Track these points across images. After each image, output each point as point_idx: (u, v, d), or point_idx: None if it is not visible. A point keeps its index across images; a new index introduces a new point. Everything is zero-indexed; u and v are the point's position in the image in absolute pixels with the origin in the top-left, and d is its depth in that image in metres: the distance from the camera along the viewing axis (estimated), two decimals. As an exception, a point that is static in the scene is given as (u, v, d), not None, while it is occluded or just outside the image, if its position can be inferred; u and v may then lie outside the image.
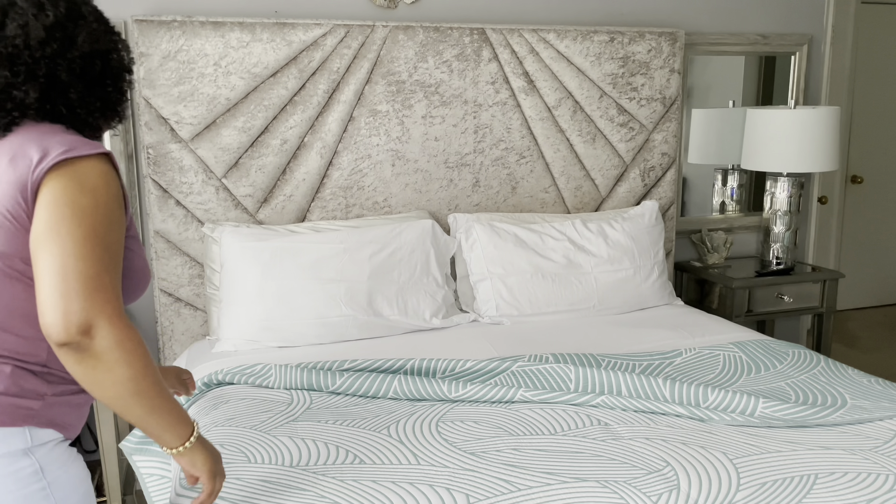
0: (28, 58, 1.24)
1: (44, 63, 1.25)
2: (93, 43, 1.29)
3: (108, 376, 1.16)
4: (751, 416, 1.83)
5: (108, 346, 1.14)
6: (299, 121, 2.68)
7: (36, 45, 1.24)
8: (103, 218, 1.19)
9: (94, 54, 1.30)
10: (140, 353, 1.17)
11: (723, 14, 3.31)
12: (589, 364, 2.15)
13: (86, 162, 1.21)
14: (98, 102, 1.32)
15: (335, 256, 2.52)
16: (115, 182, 1.25)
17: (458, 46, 2.80)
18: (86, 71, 1.29)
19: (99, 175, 1.21)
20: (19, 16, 1.25)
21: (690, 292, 3.36)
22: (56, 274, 1.13)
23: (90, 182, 1.20)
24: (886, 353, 4.07)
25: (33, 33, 1.24)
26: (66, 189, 1.18)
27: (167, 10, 2.59)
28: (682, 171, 3.36)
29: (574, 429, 1.81)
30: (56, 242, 1.14)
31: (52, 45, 1.25)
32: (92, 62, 1.29)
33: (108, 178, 1.23)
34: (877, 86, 4.46)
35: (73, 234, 1.15)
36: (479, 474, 1.59)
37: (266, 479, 1.57)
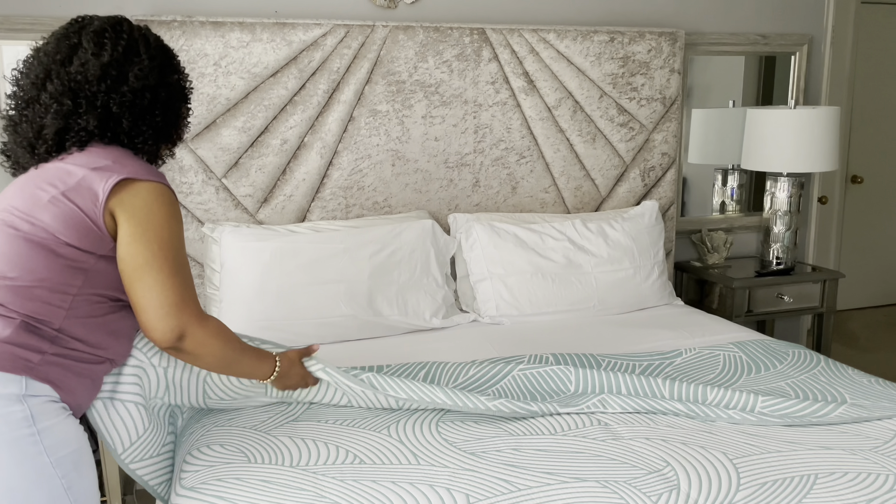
0: (87, 91, 1.47)
1: (100, 96, 1.47)
2: (142, 80, 1.50)
3: (202, 361, 1.52)
4: (750, 413, 1.83)
5: (199, 344, 1.47)
6: (299, 121, 2.68)
7: (93, 81, 1.47)
8: (174, 235, 1.46)
9: (144, 89, 1.51)
10: (222, 341, 1.51)
11: (723, 14, 3.31)
12: (589, 365, 2.15)
13: (144, 184, 1.46)
14: (149, 130, 1.54)
15: (335, 256, 2.52)
16: (170, 198, 1.49)
17: (458, 46, 2.80)
18: (135, 104, 1.51)
19: (153, 192, 1.46)
20: (83, 55, 1.48)
21: (690, 292, 3.36)
22: (154, 298, 1.42)
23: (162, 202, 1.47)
24: (886, 353, 4.07)
25: (91, 70, 1.47)
26: (138, 208, 1.43)
27: (167, 10, 2.59)
28: (682, 171, 3.36)
29: (574, 429, 1.81)
30: (147, 271, 1.42)
31: (106, 81, 1.48)
32: (142, 96, 1.51)
33: (162, 196, 1.47)
34: (877, 86, 4.46)
35: (161, 266, 1.42)
36: (479, 474, 1.59)
37: (266, 480, 1.57)
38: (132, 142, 1.52)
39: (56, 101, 1.46)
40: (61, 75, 1.46)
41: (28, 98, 1.49)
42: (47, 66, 1.48)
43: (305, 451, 1.69)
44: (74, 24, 1.52)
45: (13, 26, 2.43)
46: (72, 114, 1.47)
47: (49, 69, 1.47)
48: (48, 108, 1.47)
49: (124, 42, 1.50)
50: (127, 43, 1.51)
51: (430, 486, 1.54)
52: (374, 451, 1.70)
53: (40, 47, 1.52)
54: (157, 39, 1.58)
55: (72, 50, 1.48)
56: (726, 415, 1.84)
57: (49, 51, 1.49)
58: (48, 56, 1.49)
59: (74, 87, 1.46)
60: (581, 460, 1.65)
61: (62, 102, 1.46)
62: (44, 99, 1.47)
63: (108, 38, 1.49)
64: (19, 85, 1.52)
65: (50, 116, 1.46)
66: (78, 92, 1.46)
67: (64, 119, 1.47)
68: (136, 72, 1.50)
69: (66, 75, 1.46)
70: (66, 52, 1.48)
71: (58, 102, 1.46)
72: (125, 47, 1.50)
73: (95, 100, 1.47)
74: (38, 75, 1.48)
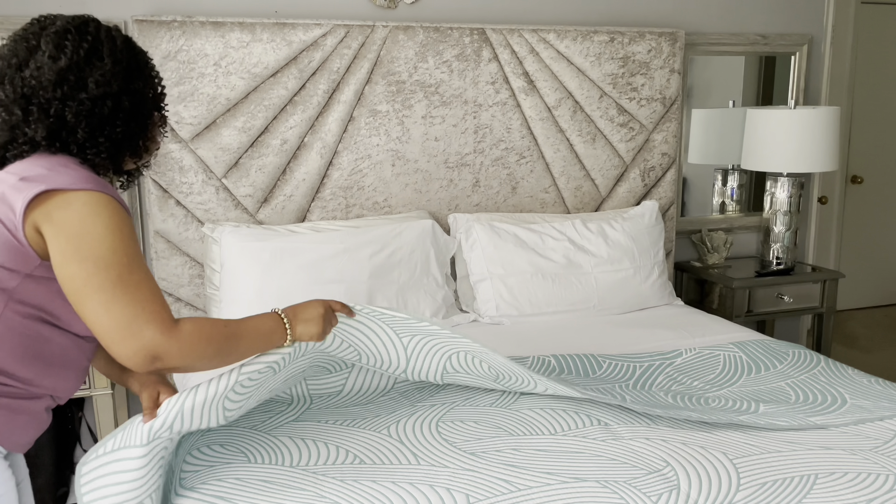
0: (41, 98, 1.31)
1: (54, 104, 1.32)
2: (103, 86, 1.34)
3: (197, 368, 1.34)
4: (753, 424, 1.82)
5: (178, 356, 1.28)
6: (299, 121, 2.68)
7: (48, 86, 1.31)
8: (114, 249, 1.26)
9: (105, 97, 1.35)
10: (203, 340, 1.31)
11: (723, 14, 3.31)
12: (592, 369, 2.13)
13: (77, 194, 1.27)
14: (107, 142, 1.37)
15: (335, 256, 2.52)
16: (109, 208, 1.29)
17: (458, 46, 2.80)
18: (93, 112, 1.34)
19: (88, 204, 1.27)
20: (39, 58, 1.32)
21: (690, 292, 3.36)
22: (104, 324, 1.24)
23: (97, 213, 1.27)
24: (886, 353, 4.07)
25: (46, 76, 1.31)
26: (68, 222, 1.25)
27: (167, 10, 2.59)
28: (682, 171, 3.36)
29: (574, 429, 1.81)
30: (88, 294, 1.24)
31: (62, 87, 1.32)
32: (101, 104, 1.34)
33: (98, 206, 1.27)
34: (877, 86, 4.46)
35: (101, 285, 1.24)
36: (479, 474, 1.59)
37: (266, 480, 1.57)
38: (83, 152, 1.36)
39: (5, 109, 1.32)
40: (14, 81, 1.32)
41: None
42: (1, 70, 1.33)
43: (306, 451, 1.69)
44: (35, 25, 1.37)
45: (13, 26, 2.43)
46: (20, 124, 1.32)
47: (3, 74, 1.33)
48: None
49: (87, 44, 1.35)
50: (90, 45, 1.35)
51: (430, 486, 1.54)
52: (374, 451, 1.70)
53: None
54: (127, 41, 1.42)
55: (29, 53, 1.33)
56: (727, 419, 1.84)
57: (5, 54, 1.34)
58: (3, 59, 1.34)
59: (27, 94, 1.31)
60: (581, 460, 1.65)
61: (11, 111, 1.32)
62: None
63: (70, 39, 1.34)
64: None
65: (5, 129, 1.32)
66: (31, 98, 1.32)
67: (10, 130, 1.33)
68: (96, 77, 1.34)
69: (19, 80, 1.32)
70: (23, 55, 1.33)
71: (7, 111, 1.32)
72: (87, 50, 1.34)
73: (48, 107, 1.32)
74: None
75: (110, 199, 1.29)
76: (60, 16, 1.39)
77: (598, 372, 2.13)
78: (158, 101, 1.47)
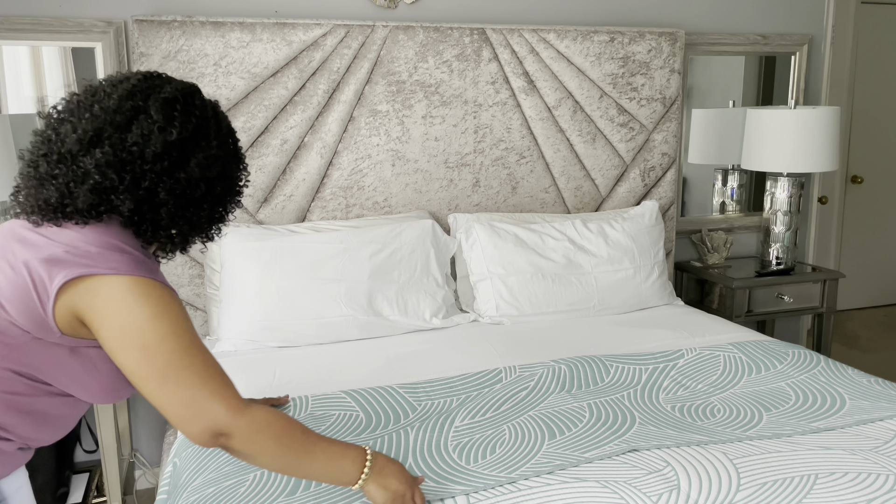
0: (139, 168, 1.24)
1: (149, 177, 1.25)
2: (204, 169, 1.29)
3: (258, 461, 1.27)
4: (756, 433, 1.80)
5: (244, 440, 1.24)
6: (299, 121, 2.68)
7: (150, 158, 1.24)
8: (163, 335, 1.21)
9: (202, 179, 1.29)
10: (272, 435, 1.25)
11: (723, 14, 3.31)
12: (601, 376, 2.10)
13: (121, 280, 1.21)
14: (185, 224, 1.32)
15: (335, 256, 2.52)
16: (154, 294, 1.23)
17: (459, 46, 2.80)
18: (186, 193, 1.28)
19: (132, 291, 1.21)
20: (146, 124, 1.25)
21: (690, 292, 3.36)
22: (165, 408, 1.21)
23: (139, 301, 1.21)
24: (886, 353, 4.07)
25: (151, 147, 1.24)
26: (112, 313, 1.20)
27: (167, 10, 2.59)
28: (682, 171, 3.36)
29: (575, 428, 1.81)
30: (142, 382, 1.21)
31: (163, 162, 1.25)
32: (196, 185, 1.29)
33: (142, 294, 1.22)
34: (877, 86, 4.46)
35: (150, 375, 1.20)
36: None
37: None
38: (156, 232, 1.29)
39: (100, 171, 1.22)
40: (115, 142, 1.23)
41: (66, 153, 1.24)
42: (101, 125, 1.24)
43: None
44: (142, 83, 1.28)
45: (13, 26, 2.43)
46: (111, 190, 1.23)
47: (102, 130, 1.24)
48: (87, 177, 1.22)
49: (195, 120, 1.29)
50: (198, 122, 1.29)
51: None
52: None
53: (97, 95, 1.28)
54: (227, 121, 1.37)
55: (134, 113, 1.25)
56: (730, 430, 1.84)
57: (108, 107, 1.25)
58: (105, 113, 1.25)
59: (126, 160, 1.23)
60: (581, 460, 1.64)
61: (107, 176, 1.22)
62: (86, 164, 1.22)
63: (179, 111, 1.27)
64: (57, 131, 1.26)
65: (86, 188, 1.23)
66: (126, 165, 1.23)
67: (99, 195, 1.23)
68: (199, 158, 1.28)
69: (120, 143, 1.23)
70: (127, 114, 1.25)
71: (102, 175, 1.22)
72: (195, 126, 1.28)
73: (143, 180, 1.24)
74: (87, 131, 1.24)
75: (155, 285, 1.23)
76: (169, 78, 1.32)
77: (606, 379, 2.09)
78: (242, 187, 1.42)
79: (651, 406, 1.94)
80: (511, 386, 2.04)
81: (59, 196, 1.23)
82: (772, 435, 1.76)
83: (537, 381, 2.06)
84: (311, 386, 2.09)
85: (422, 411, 1.90)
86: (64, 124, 1.27)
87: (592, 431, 1.77)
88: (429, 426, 1.81)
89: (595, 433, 1.76)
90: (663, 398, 1.99)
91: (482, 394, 2.00)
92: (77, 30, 2.49)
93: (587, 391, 2.02)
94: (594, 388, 2.04)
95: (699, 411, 1.90)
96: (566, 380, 2.08)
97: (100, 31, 2.51)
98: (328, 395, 1.98)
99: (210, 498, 1.51)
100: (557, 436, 1.75)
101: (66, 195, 1.23)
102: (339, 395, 1.96)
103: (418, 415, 1.88)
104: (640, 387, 2.06)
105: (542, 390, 2.02)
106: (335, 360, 2.31)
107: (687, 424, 1.81)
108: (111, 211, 1.25)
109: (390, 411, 1.90)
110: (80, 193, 1.23)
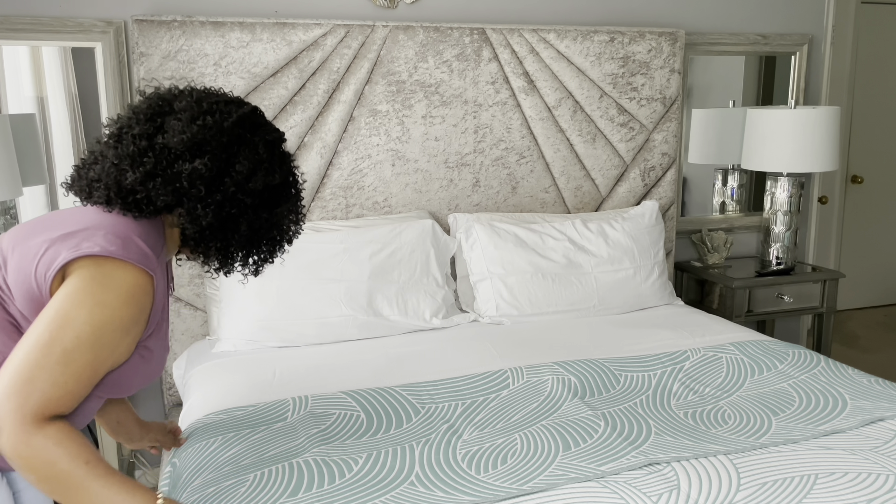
0: (230, 193, 1.30)
1: (239, 207, 1.32)
2: (285, 216, 1.39)
3: (32, 475, 1.14)
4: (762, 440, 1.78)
5: (17, 445, 1.12)
6: (299, 121, 2.68)
7: (248, 191, 1.31)
8: (91, 326, 1.18)
9: (279, 224, 1.39)
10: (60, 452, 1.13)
11: (723, 14, 3.31)
12: (611, 383, 2.07)
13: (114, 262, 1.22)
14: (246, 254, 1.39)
15: (335, 256, 2.52)
16: (140, 304, 1.23)
17: (458, 46, 2.80)
18: (261, 230, 1.37)
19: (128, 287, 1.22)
20: (254, 158, 1.32)
21: (690, 292, 3.36)
22: (8, 368, 1.14)
23: (114, 289, 1.21)
24: (886, 353, 4.07)
25: (254, 182, 1.32)
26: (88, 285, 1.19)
27: (167, 10, 2.59)
28: (682, 171, 3.36)
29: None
30: (23, 343, 1.16)
31: (257, 198, 1.33)
32: (272, 226, 1.38)
33: (135, 297, 1.22)
34: (877, 86, 4.46)
35: (43, 331, 1.15)
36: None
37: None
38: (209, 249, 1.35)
39: (190, 181, 1.28)
40: (215, 159, 1.29)
41: (164, 148, 1.28)
42: (208, 138, 1.29)
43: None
44: (253, 115, 1.37)
45: (13, 26, 2.43)
46: (194, 199, 1.29)
47: (207, 143, 1.29)
48: (176, 179, 1.28)
49: (288, 168, 1.40)
50: (288, 170, 1.40)
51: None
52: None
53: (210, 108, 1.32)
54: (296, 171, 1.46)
55: (241, 142, 1.32)
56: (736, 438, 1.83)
57: (220, 124, 1.31)
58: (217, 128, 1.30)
59: (223, 181, 1.30)
60: (598, 474, 1.62)
61: (194, 185, 1.28)
62: (180, 167, 1.28)
63: (279, 155, 1.39)
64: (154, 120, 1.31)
65: (170, 188, 1.28)
66: (220, 186, 1.30)
67: (178, 199, 1.29)
68: (285, 207, 1.39)
69: (220, 163, 1.30)
70: (235, 139, 1.32)
71: (190, 182, 1.28)
72: (287, 174, 1.40)
73: (231, 206, 1.31)
74: (194, 137, 1.29)
75: (140, 278, 1.23)
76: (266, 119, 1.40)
77: (616, 387, 2.06)
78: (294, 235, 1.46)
79: (664, 413, 1.91)
80: (520, 393, 2.01)
81: (137, 182, 1.26)
82: (784, 441, 1.74)
83: (549, 388, 2.02)
84: (311, 386, 2.08)
85: (425, 414, 1.89)
86: (167, 118, 1.30)
87: (609, 442, 1.73)
88: (436, 433, 1.79)
89: (612, 444, 1.72)
90: (675, 404, 1.97)
91: (488, 399, 1.98)
92: (77, 30, 2.49)
93: (600, 398, 2.00)
94: (606, 396, 2.01)
95: (710, 417, 1.89)
96: (577, 386, 2.04)
97: (100, 31, 2.51)
98: (328, 394, 1.98)
99: (210, 498, 1.51)
100: (572, 447, 1.71)
101: (144, 185, 1.26)
102: (340, 396, 1.96)
103: (422, 418, 1.88)
104: (650, 392, 2.04)
105: (554, 397, 1.98)
106: (335, 360, 2.31)
107: (701, 433, 1.79)
108: (189, 217, 1.30)
109: (392, 413, 1.89)
110: (161, 191, 1.26)
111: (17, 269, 1.24)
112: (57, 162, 2.59)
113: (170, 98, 1.34)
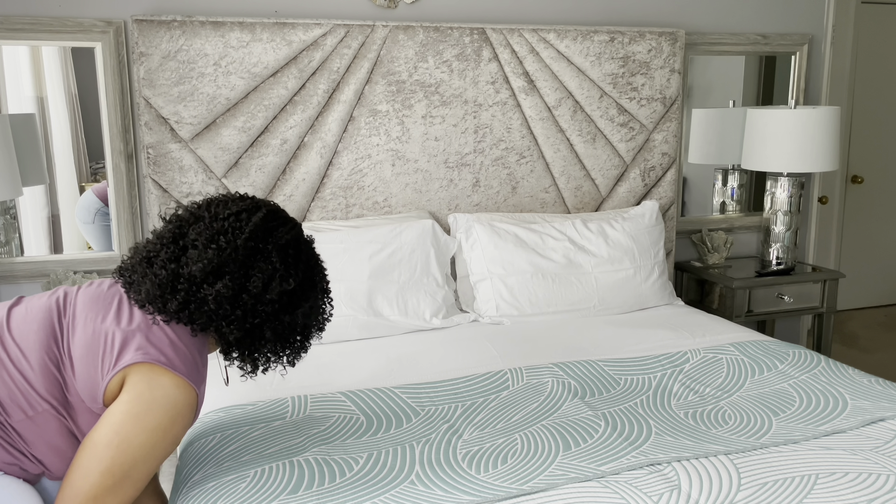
0: (250, 306, 1.40)
1: (261, 316, 1.41)
2: (306, 317, 1.46)
3: None
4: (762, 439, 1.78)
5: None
6: (299, 121, 2.68)
7: (266, 301, 1.39)
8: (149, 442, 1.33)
9: (302, 325, 1.46)
10: None
11: (723, 14, 3.31)
12: (611, 384, 2.07)
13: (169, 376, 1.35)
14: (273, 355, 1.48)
15: (335, 256, 2.51)
16: (185, 421, 1.37)
17: (458, 46, 2.80)
18: (286, 333, 1.45)
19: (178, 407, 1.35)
20: (268, 270, 1.40)
21: (691, 292, 3.36)
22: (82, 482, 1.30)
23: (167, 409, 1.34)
24: (886, 353, 4.06)
25: (270, 292, 1.40)
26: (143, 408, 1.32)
27: (167, 10, 2.59)
28: (682, 171, 3.36)
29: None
30: (93, 452, 1.31)
31: (276, 305, 1.41)
32: (295, 328, 1.46)
33: (182, 415, 1.36)
34: (877, 86, 4.46)
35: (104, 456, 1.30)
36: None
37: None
38: (242, 354, 1.46)
39: (217, 303, 1.37)
40: (235, 278, 1.38)
41: (189, 276, 1.38)
42: (225, 261, 1.38)
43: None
44: (264, 222, 1.42)
45: (13, 26, 2.43)
46: (223, 318, 1.39)
47: (225, 265, 1.38)
48: (205, 303, 1.38)
49: (304, 268, 1.45)
50: (305, 269, 1.45)
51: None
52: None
53: (223, 225, 1.40)
54: (318, 256, 1.53)
55: (254, 254, 1.40)
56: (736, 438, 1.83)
57: (232, 243, 1.39)
58: (231, 248, 1.38)
59: (243, 298, 1.39)
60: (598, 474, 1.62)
61: (221, 306, 1.38)
62: (206, 292, 1.37)
63: (293, 256, 1.43)
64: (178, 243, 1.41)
65: (204, 311, 1.38)
66: (241, 302, 1.39)
67: (210, 319, 1.39)
68: (305, 308, 1.45)
69: (239, 281, 1.38)
70: (249, 253, 1.40)
71: (217, 304, 1.37)
72: (304, 275, 1.45)
73: (254, 317, 1.40)
74: (212, 262, 1.37)
75: (189, 396, 1.36)
76: (282, 214, 1.47)
77: (616, 387, 2.06)
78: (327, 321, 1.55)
79: (665, 413, 1.91)
80: (520, 393, 2.01)
81: (180, 306, 1.38)
82: (785, 441, 1.74)
83: (549, 388, 2.02)
84: (310, 386, 2.08)
85: (425, 416, 1.89)
86: (187, 239, 1.41)
87: (609, 442, 1.73)
88: (436, 433, 1.79)
89: (612, 445, 1.72)
90: (675, 404, 1.97)
91: (488, 400, 1.98)
92: (77, 30, 2.49)
93: (600, 398, 1.99)
94: (606, 396, 2.01)
95: (711, 417, 1.89)
96: (577, 387, 2.04)
97: (99, 31, 2.51)
98: (327, 395, 1.98)
99: (210, 493, 1.51)
100: (573, 447, 1.71)
101: (182, 313, 1.38)
102: (338, 398, 1.96)
103: (421, 419, 1.87)
104: (651, 392, 2.04)
105: (554, 398, 1.98)
106: (335, 360, 2.31)
107: (702, 433, 1.78)
108: (218, 334, 1.42)
109: (392, 415, 1.89)
110: (195, 315, 1.38)
111: (85, 346, 1.35)
112: (57, 162, 2.59)
113: (188, 221, 1.44)
